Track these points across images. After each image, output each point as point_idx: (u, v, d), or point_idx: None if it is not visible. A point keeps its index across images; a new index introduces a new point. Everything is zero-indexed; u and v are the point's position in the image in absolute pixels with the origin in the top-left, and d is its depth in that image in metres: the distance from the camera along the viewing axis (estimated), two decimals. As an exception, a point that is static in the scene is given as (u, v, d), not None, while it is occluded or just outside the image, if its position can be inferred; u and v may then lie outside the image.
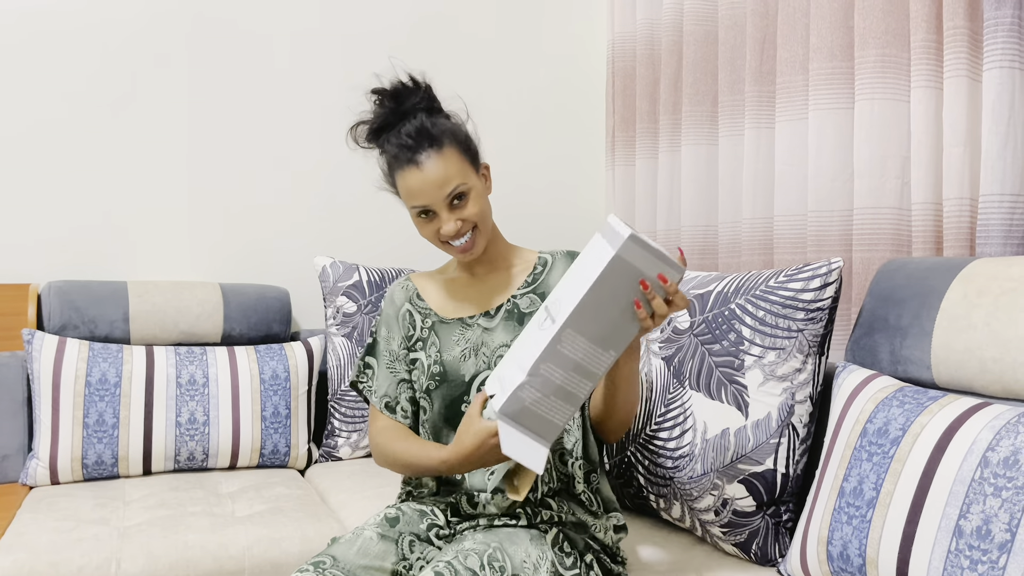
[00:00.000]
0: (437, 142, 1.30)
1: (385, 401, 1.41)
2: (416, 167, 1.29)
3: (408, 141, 1.30)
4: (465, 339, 1.38)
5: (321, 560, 1.18)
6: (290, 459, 2.09)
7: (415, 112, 1.34)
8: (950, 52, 1.57)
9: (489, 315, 1.39)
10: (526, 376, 1.10)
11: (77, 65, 2.24)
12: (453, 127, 1.35)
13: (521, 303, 1.39)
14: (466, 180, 1.31)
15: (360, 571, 1.19)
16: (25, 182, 2.20)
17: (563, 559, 1.23)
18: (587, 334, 1.10)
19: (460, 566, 1.12)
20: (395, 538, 1.27)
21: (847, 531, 1.21)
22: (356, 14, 2.52)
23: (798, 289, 1.46)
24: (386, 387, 1.42)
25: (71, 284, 2.08)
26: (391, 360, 1.42)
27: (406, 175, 1.30)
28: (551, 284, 1.39)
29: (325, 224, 2.52)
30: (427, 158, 1.29)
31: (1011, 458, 1.04)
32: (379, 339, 1.44)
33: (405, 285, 1.46)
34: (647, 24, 2.48)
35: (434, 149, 1.29)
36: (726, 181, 2.17)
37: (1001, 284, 1.24)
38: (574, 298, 1.09)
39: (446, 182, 1.29)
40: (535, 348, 1.11)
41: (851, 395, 1.36)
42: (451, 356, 1.37)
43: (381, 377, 1.42)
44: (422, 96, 1.36)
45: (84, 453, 1.87)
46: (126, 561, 1.48)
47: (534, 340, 1.13)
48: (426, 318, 1.42)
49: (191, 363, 2.02)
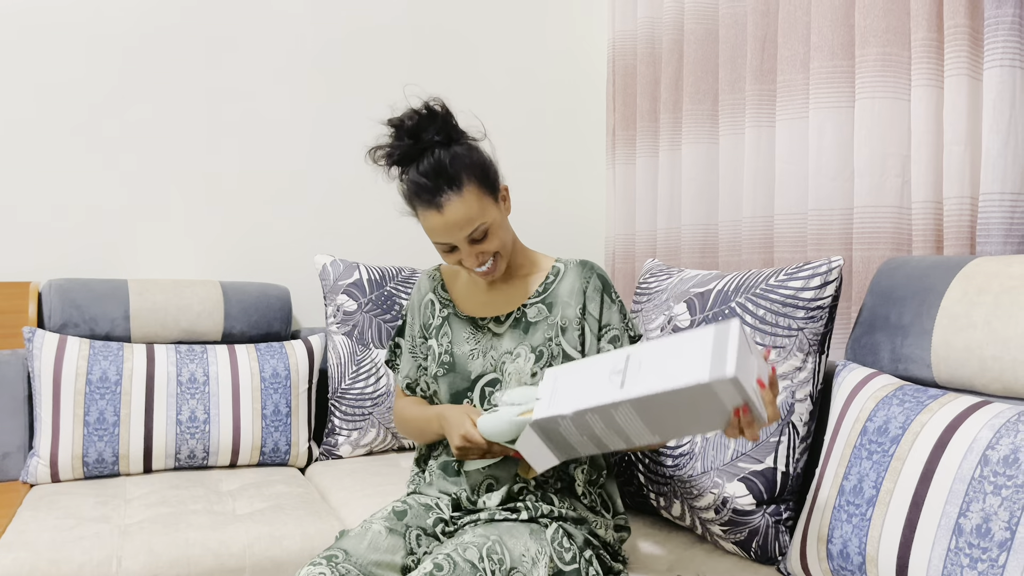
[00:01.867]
0: (456, 182, 1.29)
1: (407, 382, 1.52)
2: (436, 211, 1.29)
3: (426, 183, 1.29)
4: (475, 339, 1.42)
5: (333, 554, 1.20)
6: (290, 457, 2.09)
7: (432, 147, 1.31)
8: (951, 51, 1.57)
9: (499, 320, 1.42)
10: (571, 414, 1.12)
11: (77, 62, 2.24)
12: (471, 160, 1.32)
13: (529, 312, 1.41)
14: (485, 217, 1.31)
15: (372, 566, 1.21)
16: (26, 180, 2.20)
17: (562, 554, 1.23)
18: (644, 418, 1.09)
19: (459, 558, 1.13)
20: (403, 532, 1.29)
21: (847, 529, 1.21)
22: (355, 13, 2.52)
23: (798, 288, 1.46)
24: (407, 369, 1.52)
25: (72, 282, 2.08)
26: (413, 346, 1.51)
27: (427, 216, 1.31)
28: (560, 295, 1.41)
29: (326, 222, 2.52)
30: (447, 201, 1.28)
31: (1011, 456, 1.04)
32: (406, 324, 1.54)
33: (433, 275, 1.53)
34: (648, 22, 2.48)
35: (453, 191, 1.28)
36: (726, 180, 2.17)
37: (1001, 282, 1.24)
38: (650, 384, 1.06)
39: (466, 223, 1.29)
40: (592, 395, 1.11)
41: (851, 393, 1.36)
42: (461, 351, 1.42)
43: (405, 360, 1.53)
44: (439, 126, 1.32)
45: (85, 451, 1.88)
46: (127, 559, 1.48)
47: (596, 384, 1.12)
48: (444, 308, 1.48)
49: (192, 361, 2.02)
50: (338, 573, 1.16)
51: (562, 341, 1.38)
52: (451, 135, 1.33)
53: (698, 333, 1.06)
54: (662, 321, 1.70)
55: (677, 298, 1.69)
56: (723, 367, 1.00)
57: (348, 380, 2.15)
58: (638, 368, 1.09)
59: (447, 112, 1.34)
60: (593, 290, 1.40)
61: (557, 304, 1.40)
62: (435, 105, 1.33)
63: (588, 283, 1.40)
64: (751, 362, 1.04)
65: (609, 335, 1.40)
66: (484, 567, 1.13)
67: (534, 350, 1.37)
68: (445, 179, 1.28)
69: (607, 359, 1.15)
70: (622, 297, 2.55)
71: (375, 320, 2.17)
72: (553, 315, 1.39)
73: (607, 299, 1.41)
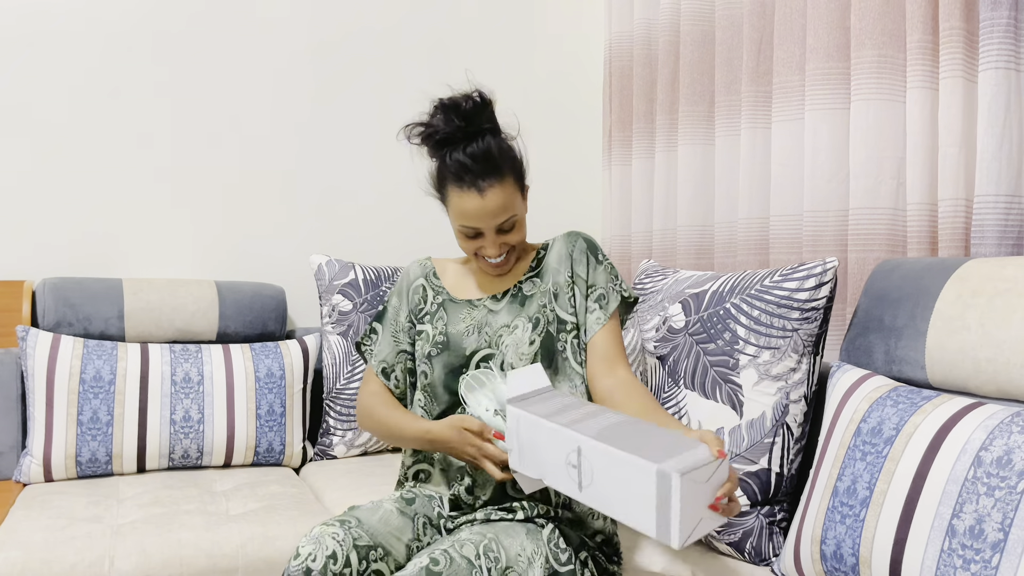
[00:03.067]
0: (500, 172, 1.33)
1: (383, 367, 1.48)
2: (477, 193, 1.32)
3: (473, 165, 1.32)
4: (471, 317, 1.43)
5: (347, 519, 1.22)
6: (285, 457, 2.09)
7: (483, 133, 1.35)
8: (946, 53, 1.57)
9: (496, 298, 1.44)
10: (542, 480, 1.15)
11: (71, 62, 2.24)
12: (513, 155, 1.38)
13: (525, 287, 1.44)
14: (517, 210, 1.37)
15: (381, 537, 1.23)
16: (20, 179, 2.20)
17: (558, 555, 1.24)
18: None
19: (456, 554, 1.14)
20: (411, 516, 1.31)
21: (840, 530, 1.21)
22: (351, 15, 2.52)
23: (793, 289, 1.46)
24: (386, 353, 1.48)
25: (66, 281, 2.08)
26: (396, 330, 1.49)
27: (464, 197, 1.33)
28: (550, 264, 1.45)
29: (321, 222, 2.51)
30: (489, 187, 1.32)
31: (1004, 458, 1.04)
32: (389, 308, 1.52)
33: (424, 263, 1.53)
34: (644, 24, 2.48)
35: (496, 178, 1.33)
36: (722, 181, 2.17)
37: (995, 285, 1.24)
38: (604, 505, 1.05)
39: (502, 212, 1.34)
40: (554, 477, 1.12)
41: (845, 395, 1.36)
42: (456, 330, 1.43)
43: (384, 343, 1.49)
44: (489, 115, 1.37)
45: (78, 450, 1.87)
46: (119, 559, 1.48)
47: (556, 469, 1.10)
48: (438, 295, 1.48)
49: (186, 361, 2.02)
50: (351, 536, 1.18)
51: (555, 307, 1.41)
52: (497, 127, 1.38)
53: (641, 471, 0.99)
54: (657, 322, 1.70)
55: (672, 299, 1.69)
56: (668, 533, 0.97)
57: (343, 380, 2.15)
58: (590, 477, 1.06)
59: (493, 102, 1.38)
60: (579, 252, 1.44)
61: (548, 272, 1.44)
62: (487, 95, 1.37)
63: (574, 246, 1.45)
64: (701, 494, 0.99)
65: (595, 294, 1.42)
66: (480, 564, 1.14)
67: (531, 319, 1.39)
68: (492, 165, 1.32)
69: (560, 438, 1.09)
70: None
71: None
72: (545, 283, 1.43)
73: (592, 259, 1.44)
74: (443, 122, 1.34)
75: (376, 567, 1.20)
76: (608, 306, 1.41)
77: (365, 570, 1.18)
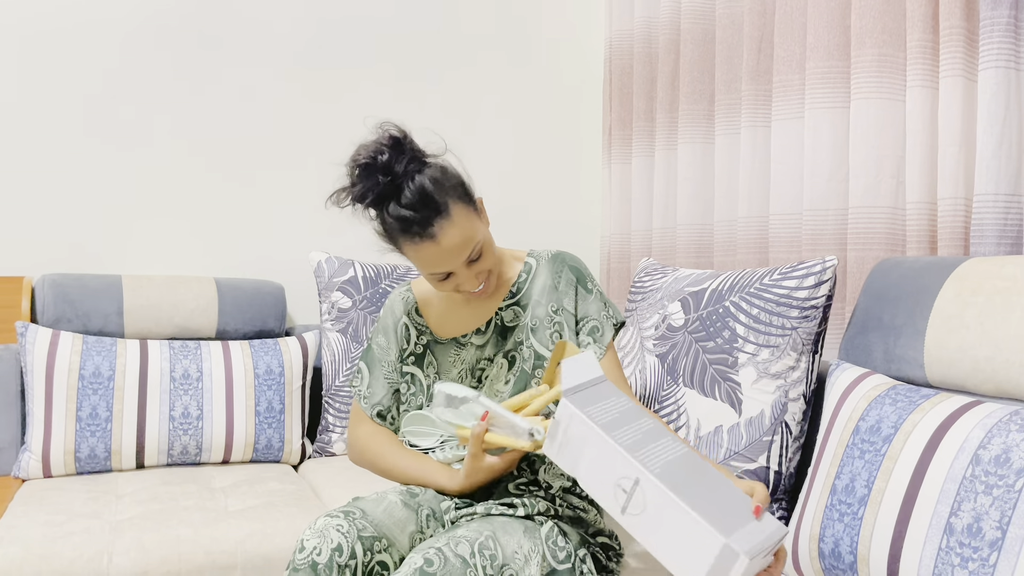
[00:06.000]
0: (445, 207, 1.23)
1: (378, 410, 1.45)
2: (431, 240, 1.23)
3: (415, 215, 1.22)
4: (461, 360, 1.41)
5: (351, 510, 1.20)
6: (283, 454, 2.09)
7: (410, 176, 1.24)
8: (946, 52, 1.57)
9: (481, 332, 1.41)
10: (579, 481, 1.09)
11: (71, 59, 2.23)
12: (449, 180, 1.27)
13: (505, 316, 1.40)
14: (476, 235, 1.26)
15: (385, 528, 1.21)
16: (19, 175, 2.20)
17: (556, 553, 1.23)
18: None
19: (451, 553, 1.12)
20: (415, 508, 1.29)
21: (839, 528, 1.21)
22: (352, 12, 2.52)
23: (792, 287, 1.46)
24: (380, 396, 1.45)
25: (65, 277, 2.08)
26: (388, 371, 1.45)
27: (420, 248, 1.24)
28: (532, 294, 1.39)
29: (320, 219, 2.51)
30: (440, 229, 1.22)
31: (1002, 456, 1.04)
32: (374, 347, 1.46)
33: (405, 297, 1.47)
34: (644, 22, 2.48)
35: (443, 216, 1.23)
36: (722, 180, 2.17)
37: (994, 283, 1.24)
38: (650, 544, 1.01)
39: (464, 246, 1.25)
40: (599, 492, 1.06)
41: (844, 393, 1.36)
42: (449, 376, 1.40)
43: (376, 386, 1.45)
44: (407, 153, 1.25)
45: (77, 446, 1.87)
46: (118, 555, 1.48)
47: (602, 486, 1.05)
48: (421, 335, 1.43)
49: (185, 357, 2.02)
50: (356, 528, 1.16)
51: (533, 342, 1.37)
52: (420, 158, 1.27)
53: (706, 535, 0.95)
54: (656, 320, 1.70)
55: (671, 297, 1.69)
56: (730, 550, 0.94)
57: (342, 377, 2.15)
58: (641, 508, 1.02)
59: (407, 135, 1.27)
60: (566, 284, 1.39)
61: (529, 303, 1.39)
62: (396, 132, 1.26)
63: (560, 278, 1.39)
64: (756, 567, 0.98)
65: (588, 326, 1.39)
66: (475, 563, 1.12)
67: (506, 355, 1.37)
68: (434, 205, 1.22)
69: (617, 459, 1.04)
70: (618, 296, 2.55)
71: (370, 317, 2.17)
72: (526, 315, 1.39)
73: (582, 291, 1.40)
74: (367, 184, 1.25)
75: (380, 558, 1.19)
76: (603, 338, 1.39)
77: (370, 561, 1.17)
